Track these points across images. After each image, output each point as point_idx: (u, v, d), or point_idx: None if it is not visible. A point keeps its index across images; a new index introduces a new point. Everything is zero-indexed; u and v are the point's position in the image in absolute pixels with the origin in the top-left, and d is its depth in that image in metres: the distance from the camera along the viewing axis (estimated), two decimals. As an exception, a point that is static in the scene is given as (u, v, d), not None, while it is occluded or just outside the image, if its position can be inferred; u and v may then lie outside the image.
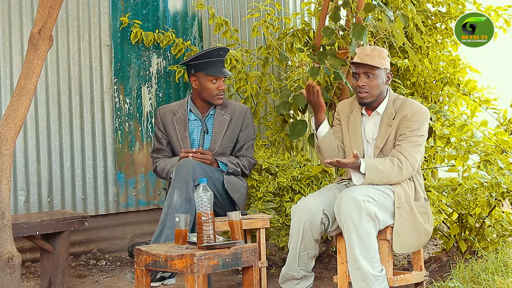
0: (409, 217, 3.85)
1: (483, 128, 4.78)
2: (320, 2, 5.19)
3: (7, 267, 3.45)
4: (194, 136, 4.41)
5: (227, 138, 4.38)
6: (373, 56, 3.91)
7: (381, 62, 3.93)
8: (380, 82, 3.94)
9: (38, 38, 3.62)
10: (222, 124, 4.39)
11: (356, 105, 4.07)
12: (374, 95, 3.95)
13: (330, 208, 3.88)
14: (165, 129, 4.43)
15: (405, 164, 3.84)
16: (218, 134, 4.37)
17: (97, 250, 5.20)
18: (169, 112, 4.45)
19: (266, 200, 4.56)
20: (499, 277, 3.84)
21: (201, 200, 3.40)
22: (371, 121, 4.02)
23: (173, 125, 4.41)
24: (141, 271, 3.50)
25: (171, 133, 4.41)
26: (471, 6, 5.65)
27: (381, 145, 3.94)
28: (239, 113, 4.43)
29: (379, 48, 3.99)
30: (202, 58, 4.33)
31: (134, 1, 5.35)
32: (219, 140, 4.37)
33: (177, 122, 4.41)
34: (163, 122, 4.44)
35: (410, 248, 3.92)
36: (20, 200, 4.86)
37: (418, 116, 3.92)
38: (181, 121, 4.41)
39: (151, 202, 5.40)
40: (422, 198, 3.98)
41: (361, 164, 3.80)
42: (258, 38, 5.74)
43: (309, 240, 3.92)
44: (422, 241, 3.94)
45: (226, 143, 4.38)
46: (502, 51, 6.91)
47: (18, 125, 3.60)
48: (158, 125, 4.46)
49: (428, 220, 3.96)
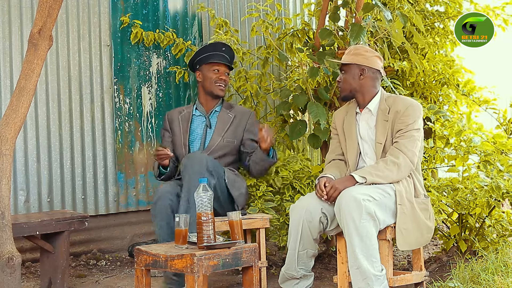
0: (410, 214, 3.87)
1: (481, 132, 4.78)
2: (319, 2, 5.19)
3: (7, 267, 3.45)
4: (198, 131, 4.52)
5: (230, 134, 4.47)
6: (348, 53, 4.04)
7: (351, 58, 4.01)
8: (350, 77, 4.02)
9: (38, 38, 3.62)
10: (225, 120, 4.52)
11: (350, 107, 4.15)
12: (347, 89, 4.05)
13: (329, 207, 3.88)
14: (171, 127, 4.58)
15: (402, 160, 3.86)
16: (220, 128, 4.49)
17: (97, 250, 5.20)
18: (176, 112, 4.65)
19: (266, 199, 4.56)
20: (499, 277, 3.84)
21: (201, 200, 3.40)
22: (363, 118, 4.06)
23: (178, 122, 4.57)
24: (141, 271, 3.50)
25: (175, 130, 4.56)
26: (468, 6, 5.66)
27: (383, 140, 3.96)
28: (243, 114, 4.58)
29: (358, 46, 4.11)
30: (205, 51, 4.54)
31: (134, 1, 5.35)
32: (222, 133, 4.46)
33: (182, 119, 4.57)
34: (169, 122, 4.60)
35: (413, 245, 3.92)
36: (20, 200, 4.86)
37: (411, 110, 3.95)
38: (185, 117, 4.57)
39: (151, 202, 5.38)
40: (422, 195, 3.99)
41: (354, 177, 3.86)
42: (258, 38, 5.74)
43: (308, 239, 3.93)
44: (424, 238, 3.95)
45: (229, 137, 4.46)
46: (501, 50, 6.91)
47: (18, 125, 3.60)
48: (165, 125, 4.63)
49: (429, 217, 3.97)
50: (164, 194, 4.19)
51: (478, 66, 5.82)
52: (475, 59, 6.26)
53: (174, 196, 4.18)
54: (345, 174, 4.09)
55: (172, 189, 4.21)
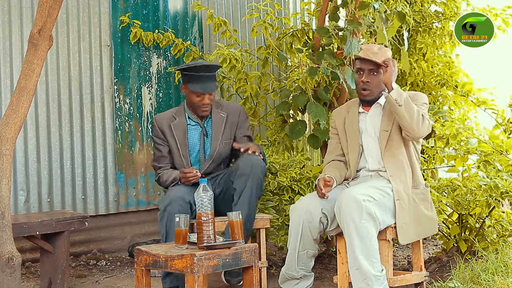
0: (409, 207, 3.88)
1: (478, 133, 4.79)
2: (319, 2, 5.19)
3: (7, 267, 3.45)
4: (194, 141, 4.39)
5: (226, 135, 4.40)
6: (379, 55, 3.97)
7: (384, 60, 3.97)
8: (379, 79, 3.97)
9: (38, 38, 3.62)
10: (220, 122, 4.39)
11: (352, 106, 4.13)
12: (375, 93, 4.01)
13: (329, 208, 3.89)
14: (164, 135, 4.39)
15: (427, 119, 3.89)
16: (217, 133, 4.38)
17: (97, 250, 5.20)
18: (166, 119, 4.42)
19: (265, 199, 4.56)
20: (499, 277, 3.84)
21: (201, 200, 3.40)
22: (370, 115, 4.05)
23: (171, 131, 4.37)
24: (141, 271, 3.50)
25: (169, 139, 4.37)
26: (466, 7, 5.67)
27: (389, 128, 3.96)
28: (234, 111, 4.44)
29: (384, 48, 4.05)
30: (188, 70, 4.31)
31: (134, 1, 5.35)
32: (219, 138, 4.38)
33: (175, 128, 4.38)
34: (161, 129, 4.39)
35: (413, 238, 3.92)
36: (20, 200, 4.86)
37: (419, 95, 4.02)
38: (179, 128, 4.38)
39: (151, 202, 5.40)
40: (421, 185, 4.00)
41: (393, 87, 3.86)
42: (258, 38, 5.74)
43: (308, 239, 3.93)
44: (426, 228, 3.95)
45: (226, 139, 4.40)
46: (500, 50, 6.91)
47: (18, 125, 3.60)
48: (156, 133, 4.41)
49: (430, 207, 3.98)
50: (175, 200, 4.08)
51: (478, 66, 5.83)
52: (474, 59, 6.26)
53: (185, 203, 4.09)
54: (345, 174, 4.08)
55: (183, 195, 4.12)
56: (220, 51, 5.06)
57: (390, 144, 3.96)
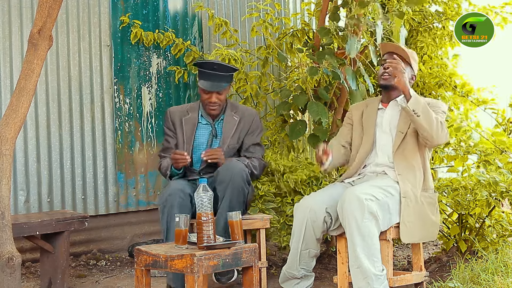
0: (414, 206, 3.88)
1: (480, 130, 4.79)
2: (319, 2, 5.19)
3: (7, 267, 3.45)
4: (202, 139, 4.42)
5: (234, 140, 4.41)
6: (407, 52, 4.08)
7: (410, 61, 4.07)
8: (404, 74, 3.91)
9: (38, 38, 3.62)
10: (231, 125, 4.42)
11: (371, 102, 4.18)
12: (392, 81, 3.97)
13: (333, 207, 3.88)
14: (174, 127, 4.45)
15: (446, 128, 3.91)
16: (226, 136, 4.39)
17: (97, 250, 5.20)
18: (179, 112, 4.49)
19: (266, 200, 4.56)
20: (499, 277, 3.84)
21: (201, 200, 3.40)
22: (388, 112, 4.09)
23: (181, 125, 4.43)
24: (141, 271, 3.50)
25: (178, 133, 4.43)
26: (467, 6, 5.66)
27: (405, 129, 3.98)
28: (248, 116, 4.47)
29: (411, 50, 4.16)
30: (200, 66, 4.40)
31: (134, 1, 5.35)
32: (227, 142, 4.39)
33: (185, 123, 4.43)
34: (172, 121, 4.46)
35: (417, 239, 3.93)
36: (20, 200, 4.86)
37: (438, 103, 4.06)
38: (190, 123, 4.43)
39: (151, 202, 5.40)
40: (431, 189, 4.01)
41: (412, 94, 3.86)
42: (258, 38, 5.74)
43: (311, 238, 3.93)
44: (429, 232, 3.96)
45: (233, 143, 4.41)
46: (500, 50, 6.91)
47: (18, 125, 3.60)
48: (168, 124, 4.49)
49: (435, 212, 3.99)
50: (175, 192, 4.10)
51: (477, 66, 5.82)
52: (474, 60, 6.26)
53: (185, 195, 4.11)
54: (344, 160, 4.14)
55: (183, 187, 4.15)
56: (219, 51, 5.06)
57: (403, 146, 3.97)
